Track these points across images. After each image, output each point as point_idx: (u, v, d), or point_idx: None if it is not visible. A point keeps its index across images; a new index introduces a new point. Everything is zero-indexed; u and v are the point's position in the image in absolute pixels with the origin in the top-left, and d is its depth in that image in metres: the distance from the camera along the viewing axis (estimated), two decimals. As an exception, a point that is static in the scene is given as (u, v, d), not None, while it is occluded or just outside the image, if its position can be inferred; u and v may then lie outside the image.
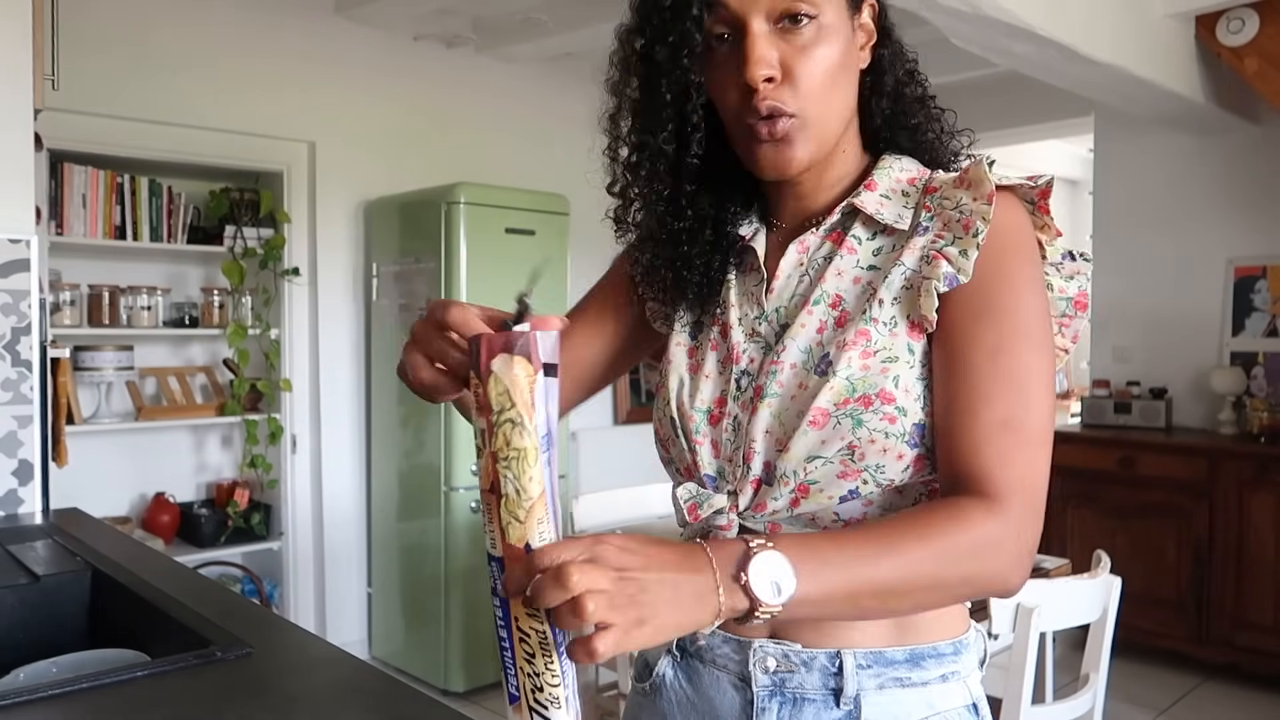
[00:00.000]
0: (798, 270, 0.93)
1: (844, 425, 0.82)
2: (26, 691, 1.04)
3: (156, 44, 3.38)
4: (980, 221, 0.83)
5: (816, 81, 0.85)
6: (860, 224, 0.91)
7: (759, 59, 0.84)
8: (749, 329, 0.93)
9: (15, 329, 1.97)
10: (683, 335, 0.99)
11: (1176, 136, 4.25)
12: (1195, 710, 3.49)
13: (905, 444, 0.82)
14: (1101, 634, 2.02)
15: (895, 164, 0.93)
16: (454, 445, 3.48)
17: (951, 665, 0.89)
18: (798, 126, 0.86)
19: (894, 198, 0.91)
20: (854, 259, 0.90)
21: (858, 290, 0.88)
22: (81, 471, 3.04)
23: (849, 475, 0.83)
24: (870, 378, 0.83)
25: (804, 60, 0.84)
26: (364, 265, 3.94)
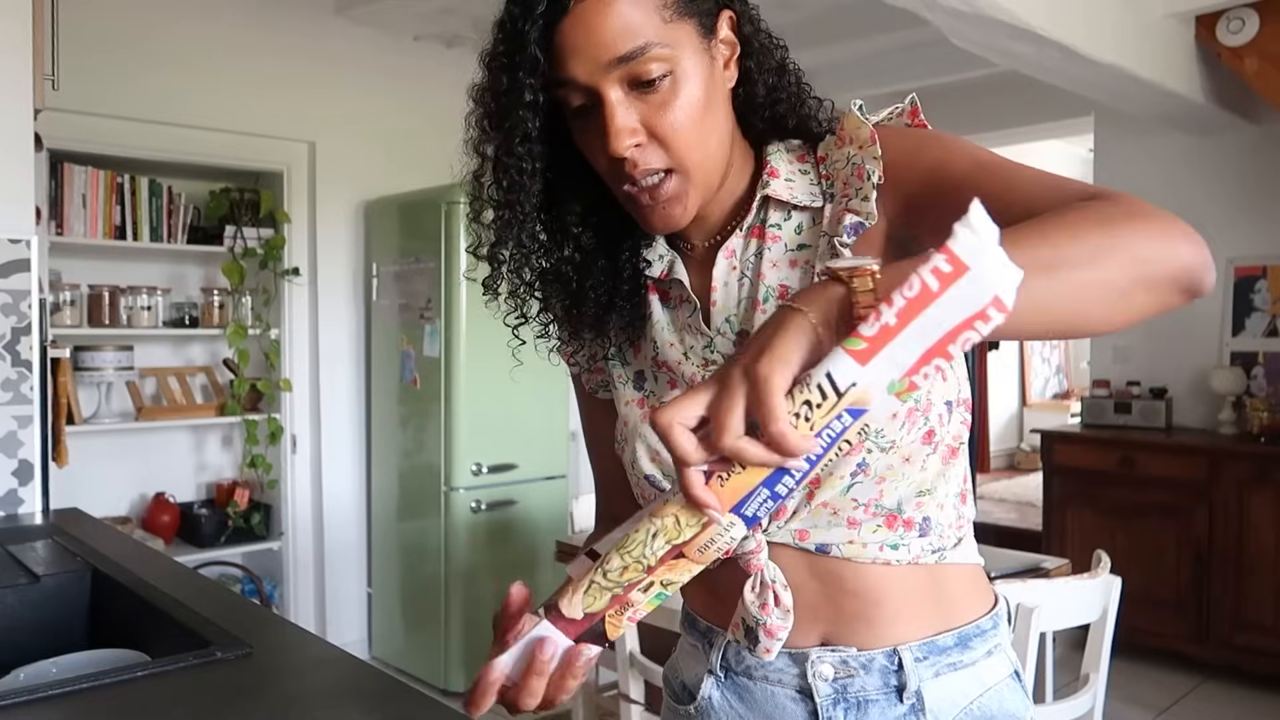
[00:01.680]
0: (733, 276, 0.92)
1: None
2: (26, 691, 1.04)
3: (156, 44, 3.38)
4: (871, 162, 0.83)
5: (686, 134, 0.83)
6: (773, 210, 0.91)
7: (619, 130, 0.81)
8: (700, 359, 0.92)
9: (15, 329, 1.97)
10: (628, 391, 0.97)
11: (1176, 136, 4.25)
12: (1195, 710, 3.49)
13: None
14: (1101, 634, 2.02)
15: (782, 147, 0.93)
16: (454, 445, 3.48)
17: (993, 639, 0.90)
18: (678, 183, 0.85)
19: (797, 179, 0.91)
20: (781, 245, 0.90)
21: (798, 272, 0.88)
22: (81, 471, 3.04)
23: (853, 450, 0.82)
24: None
25: (666, 117, 0.82)
26: (364, 265, 3.94)
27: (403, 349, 3.69)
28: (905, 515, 0.86)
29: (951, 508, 0.89)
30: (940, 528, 0.87)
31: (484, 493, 3.54)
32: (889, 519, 0.85)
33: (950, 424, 0.86)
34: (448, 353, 3.47)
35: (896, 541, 0.86)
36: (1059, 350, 8.07)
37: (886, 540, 0.85)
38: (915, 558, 0.86)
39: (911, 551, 0.86)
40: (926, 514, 0.86)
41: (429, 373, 3.55)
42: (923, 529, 0.86)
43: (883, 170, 0.83)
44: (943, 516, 0.88)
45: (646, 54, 0.80)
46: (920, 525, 0.86)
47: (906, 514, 0.86)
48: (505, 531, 3.62)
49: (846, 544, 0.85)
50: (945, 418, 0.85)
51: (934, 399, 0.84)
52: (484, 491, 3.54)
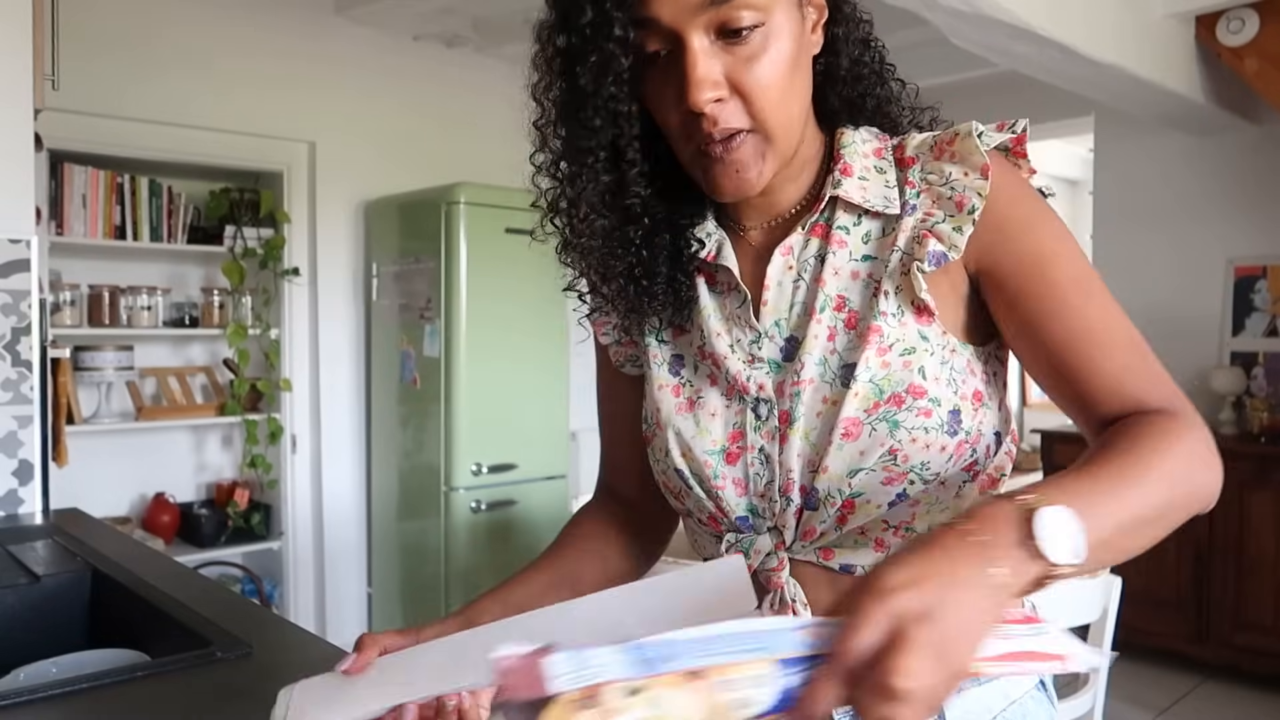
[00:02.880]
0: (788, 276, 0.85)
1: (880, 430, 0.77)
2: (26, 691, 1.04)
3: (156, 44, 3.38)
4: (976, 198, 0.78)
5: (772, 93, 0.77)
6: (843, 211, 0.84)
7: (700, 80, 0.74)
8: (746, 354, 0.85)
9: (15, 329, 1.97)
10: (662, 374, 0.91)
11: (1176, 136, 4.25)
12: (1195, 710, 3.49)
13: (945, 434, 0.78)
14: (1101, 634, 2.02)
15: (857, 138, 0.86)
16: (454, 445, 3.48)
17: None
18: (756, 143, 0.78)
19: (871, 178, 0.84)
20: (846, 252, 0.83)
21: (860, 285, 0.82)
22: (81, 471, 3.04)
23: (894, 480, 0.78)
24: (894, 375, 0.78)
25: (753, 72, 0.76)
26: (364, 265, 3.94)
27: (403, 349, 3.69)
28: None
29: None
30: None
31: (484, 493, 3.54)
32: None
33: (996, 456, 0.83)
34: (448, 353, 3.47)
35: None
36: (1059, 350, 8.05)
37: None
38: None
39: None
40: None
41: (429, 373, 3.55)
42: None
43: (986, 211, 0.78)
44: None
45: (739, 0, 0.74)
46: None
47: None
48: (505, 531, 3.62)
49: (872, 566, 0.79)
50: (992, 449, 0.82)
51: (984, 430, 0.81)
52: (484, 491, 3.54)
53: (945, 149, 0.81)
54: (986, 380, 0.83)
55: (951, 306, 0.81)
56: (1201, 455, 0.71)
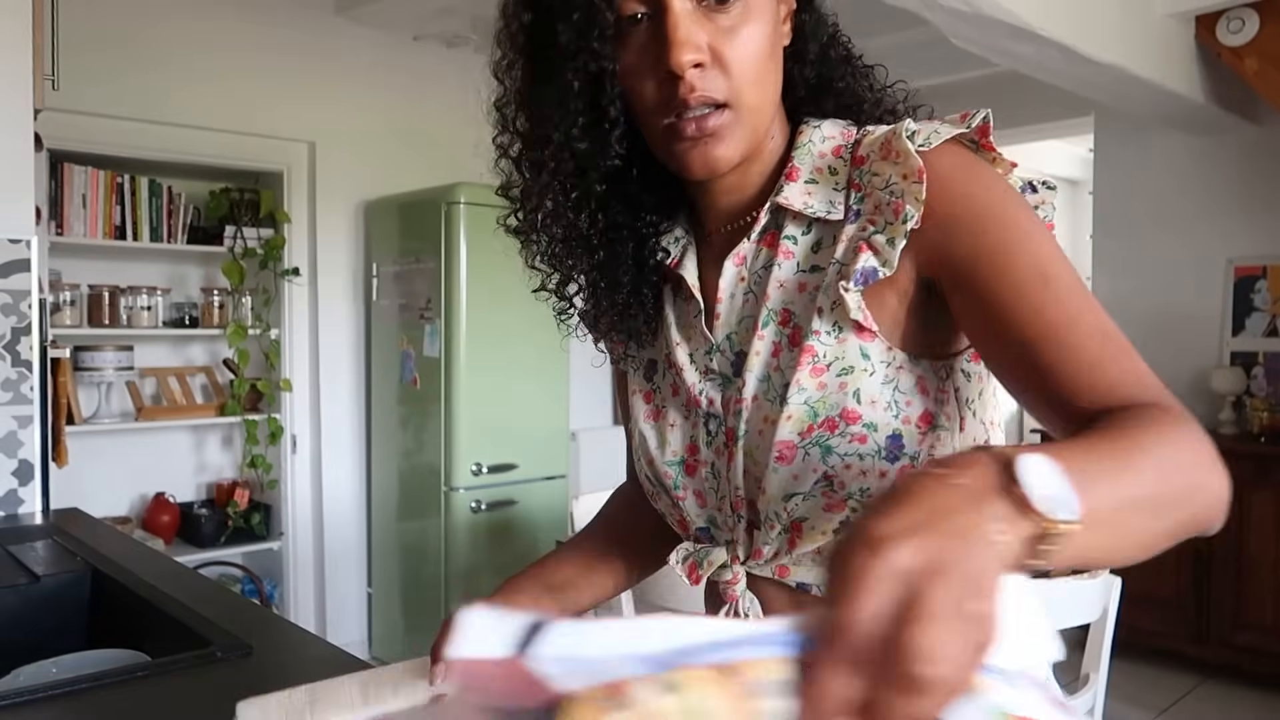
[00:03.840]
0: (740, 288, 0.82)
1: (813, 455, 0.74)
2: (26, 691, 1.04)
3: (157, 44, 3.38)
4: (911, 204, 0.71)
5: (749, 66, 0.75)
6: (792, 220, 0.80)
7: (683, 41, 0.72)
8: (701, 366, 0.84)
9: (15, 329, 1.97)
10: (638, 379, 0.90)
11: (1176, 136, 4.25)
12: (1195, 710, 3.49)
13: (883, 460, 0.73)
14: (1101, 634, 2.02)
15: (815, 134, 0.82)
16: (454, 445, 3.47)
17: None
18: (730, 120, 0.75)
19: (821, 180, 0.79)
20: (793, 264, 0.79)
21: (805, 299, 0.78)
22: (81, 471, 3.04)
23: (835, 507, 0.75)
24: (829, 397, 0.74)
25: (734, 42, 0.74)
26: (364, 265, 3.94)
27: (403, 349, 3.69)
28: None
29: None
30: None
31: (484, 493, 3.54)
32: None
33: None
34: (448, 353, 3.47)
35: None
36: (1059, 350, 8.04)
37: None
38: None
39: None
40: None
41: (429, 373, 3.55)
42: None
43: (922, 217, 0.72)
44: None
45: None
46: None
47: None
48: (505, 531, 3.62)
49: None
50: None
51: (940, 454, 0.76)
52: (484, 491, 3.54)
53: (890, 148, 0.75)
54: (943, 400, 0.76)
55: (899, 317, 0.75)
56: (1203, 453, 0.61)
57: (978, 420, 0.79)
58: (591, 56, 0.75)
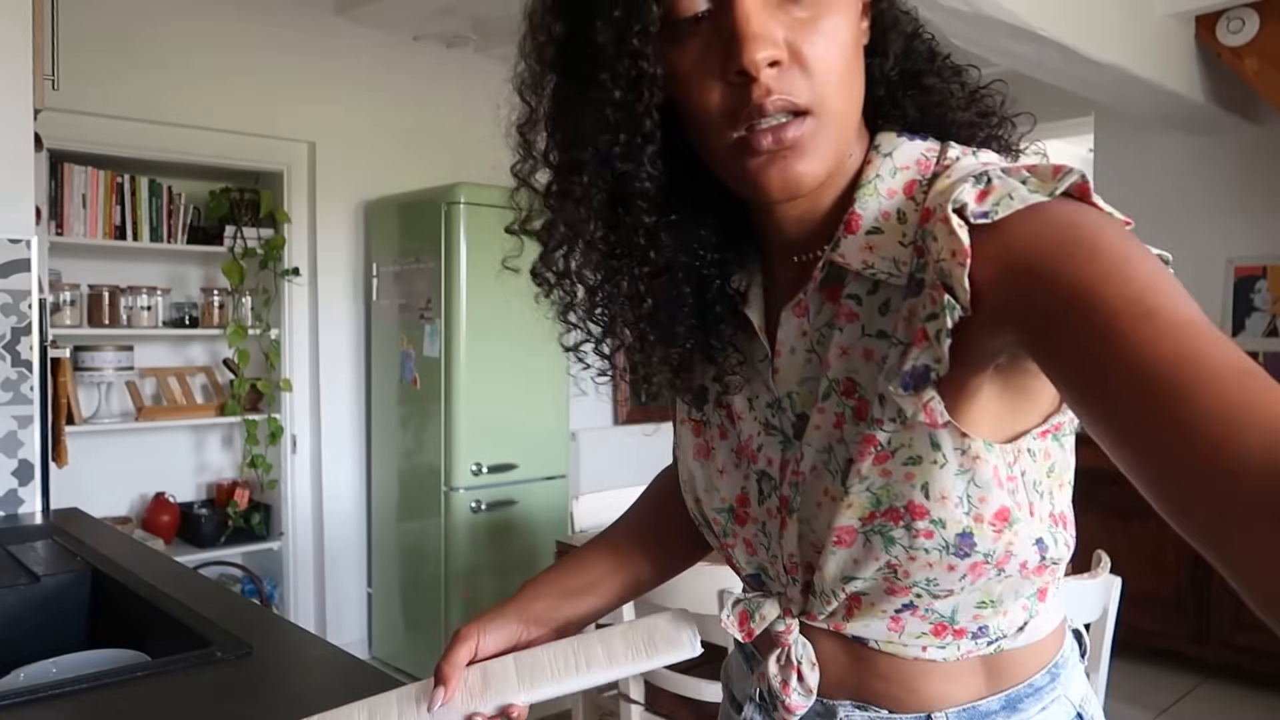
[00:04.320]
0: (802, 343, 0.72)
1: (875, 543, 0.67)
2: (26, 691, 1.04)
3: (157, 44, 3.38)
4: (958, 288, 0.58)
5: (834, 64, 0.63)
6: (854, 277, 0.68)
7: (757, 34, 0.61)
8: (762, 418, 0.75)
9: (15, 329, 1.97)
10: (684, 406, 0.82)
11: (1176, 136, 4.25)
12: (1195, 710, 3.49)
13: (953, 556, 0.65)
14: (1101, 634, 2.02)
15: (885, 165, 0.69)
16: (454, 445, 3.47)
17: (1050, 695, 0.75)
18: (813, 130, 0.64)
19: (886, 230, 0.66)
20: (857, 329, 0.68)
21: (872, 369, 0.67)
22: (81, 471, 3.04)
23: (897, 591, 0.69)
24: (893, 486, 0.65)
25: (815, 36, 0.63)
26: (364, 265, 3.94)
27: (403, 349, 3.69)
28: (958, 625, 0.71)
29: (1019, 610, 0.72)
30: (1000, 630, 0.72)
31: (484, 493, 3.54)
32: (938, 627, 0.71)
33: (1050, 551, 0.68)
34: (448, 353, 3.47)
35: (944, 644, 0.72)
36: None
37: (932, 643, 0.72)
38: (965, 653, 0.72)
39: (961, 650, 0.72)
40: (985, 623, 0.71)
41: (429, 373, 3.55)
42: (977, 634, 0.72)
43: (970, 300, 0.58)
44: (1005, 622, 0.72)
45: None
46: (975, 632, 0.72)
47: (959, 624, 0.71)
48: (505, 531, 3.62)
49: (886, 642, 0.73)
50: (1030, 563, 0.68)
51: (1016, 548, 0.66)
52: (484, 491, 3.54)
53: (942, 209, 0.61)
54: (1019, 487, 0.66)
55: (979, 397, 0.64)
56: None
57: (1045, 503, 0.68)
58: (632, 59, 0.64)
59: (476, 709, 0.76)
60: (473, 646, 0.81)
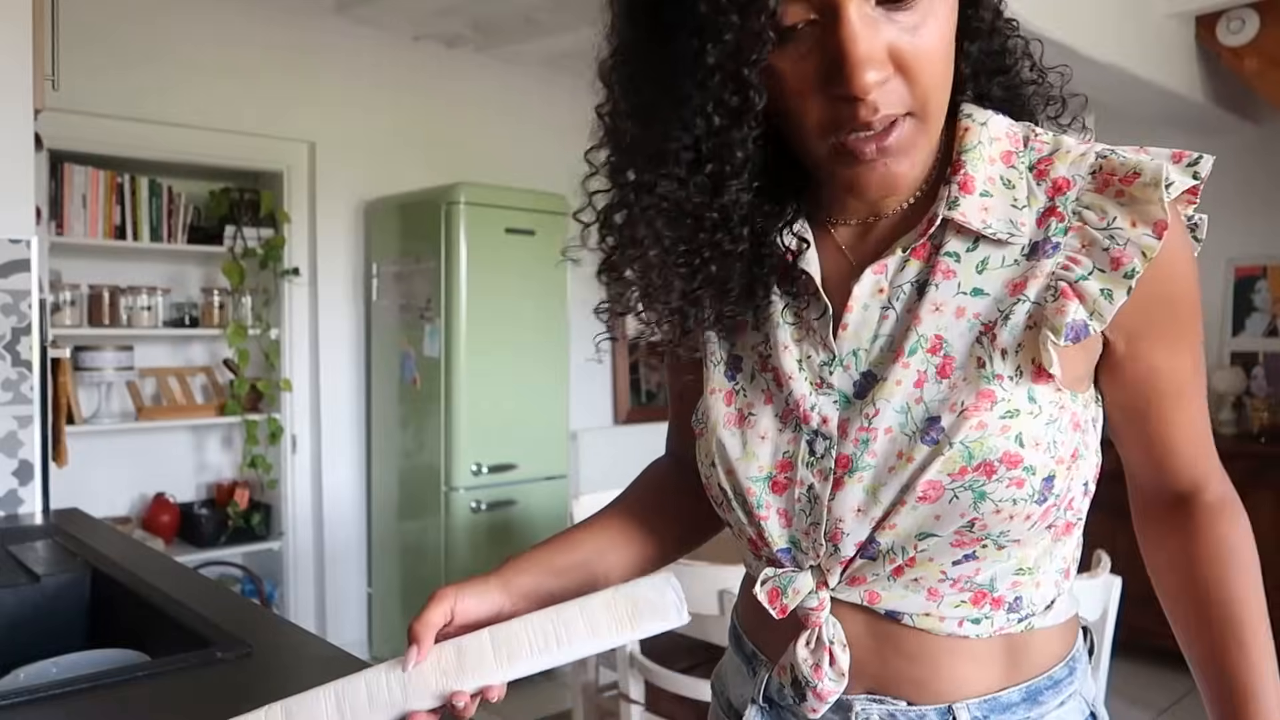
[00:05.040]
0: (878, 300, 0.72)
1: (963, 499, 0.67)
2: (26, 691, 1.04)
3: (156, 44, 3.38)
4: (1139, 259, 0.65)
5: (937, 69, 0.65)
6: (955, 235, 0.70)
7: (864, 59, 0.61)
8: (815, 377, 0.74)
9: (15, 329, 1.97)
10: (718, 375, 0.80)
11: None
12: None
13: (1034, 503, 0.68)
14: (1102, 634, 2.02)
15: (983, 134, 0.72)
16: (454, 445, 3.47)
17: (1068, 688, 0.77)
18: (912, 131, 0.66)
19: (997, 193, 0.70)
20: (953, 285, 0.70)
21: (964, 326, 0.69)
22: (81, 471, 3.04)
23: (964, 544, 0.70)
24: (989, 440, 0.67)
25: (919, 45, 0.63)
26: (364, 265, 3.94)
27: (403, 349, 3.69)
28: (996, 593, 0.73)
29: (1051, 584, 0.76)
30: (1032, 604, 0.75)
31: (484, 493, 3.54)
32: (977, 595, 0.73)
33: (1078, 503, 0.75)
34: (448, 353, 3.47)
35: (980, 616, 0.73)
36: (1059, 350, 8.05)
37: (968, 615, 0.73)
38: (998, 629, 0.74)
39: (995, 625, 0.74)
40: (1020, 593, 0.74)
41: (429, 373, 3.55)
42: (1013, 606, 0.74)
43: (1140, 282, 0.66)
44: (1038, 594, 0.75)
45: None
46: (1010, 603, 0.74)
47: (998, 592, 0.73)
48: (505, 531, 3.62)
49: (923, 615, 0.73)
50: (1077, 501, 0.74)
51: (1074, 488, 0.72)
52: (484, 491, 3.54)
53: (1114, 183, 0.67)
54: (1085, 429, 0.73)
55: (1077, 361, 0.70)
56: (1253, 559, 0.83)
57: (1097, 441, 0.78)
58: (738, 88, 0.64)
59: (454, 687, 0.74)
60: (448, 609, 0.78)
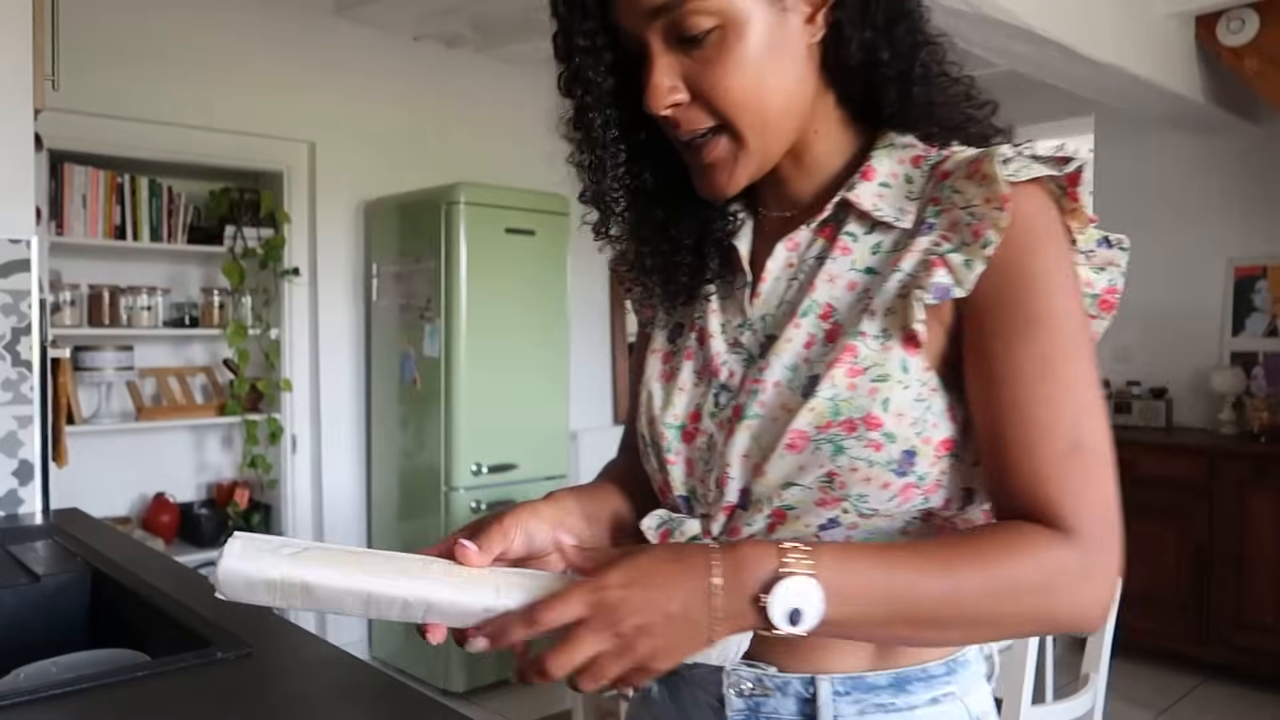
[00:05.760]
0: (787, 272, 0.83)
1: (823, 451, 0.74)
2: (26, 691, 1.04)
3: (156, 44, 3.38)
4: (992, 230, 0.72)
5: (734, 94, 0.76)
6: (856, 219, 0.80)
7: (656, 85, 0.76)
8: (731, 338, 0.85)
9: (15, 329, 1.97)
10: (660, 339, 0.92)
11: (1176, 136, 4.25)
12: (1195, 710, 3.49)
13: (891, 472, 0.74)
14: (1101, 634, 2.02)
15: (899, 140, 0.82)
16: (454, 445, 3.47)
17: (944, 687, 0.81)
18: (729, 146, 0.78)
19: (894, 186, 0.79)
20: (848, 261, 0.79)
21: (851, 297, 0.78)
22: (81, 471, 3.04)
23: (828, 504, 0.75)
24: (857, 399, 0.74)
25: (711, 75, 0.76)
26: (364, 265, 3.94)
27: (403, 349, 3.69)
28: None
29: None
30: None
31: (484, 493, 3.54)
32: None
33: (966, 511, 0.78)
34: (448, 353, 3.47)
35: None
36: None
37: None
38: None
39: None
40: None
41: (429, 373, 3.55)
42: None
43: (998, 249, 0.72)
44: None
45: (687, 5, 0.74)
46: None
47: None
48: (505, 531, 3.62)
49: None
50: (954, 503, 0.77)
51: (946, 482, 0.76)
52: (484, 491, 3.54)
53: (978, 169, 0.75)
54: (968, 436, 0.76)
55: (938, 339, 0.76)
56: (1063, 581, 0.69)
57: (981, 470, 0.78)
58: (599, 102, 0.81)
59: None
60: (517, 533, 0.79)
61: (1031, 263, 0.73)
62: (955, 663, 0.82)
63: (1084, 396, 0.72)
